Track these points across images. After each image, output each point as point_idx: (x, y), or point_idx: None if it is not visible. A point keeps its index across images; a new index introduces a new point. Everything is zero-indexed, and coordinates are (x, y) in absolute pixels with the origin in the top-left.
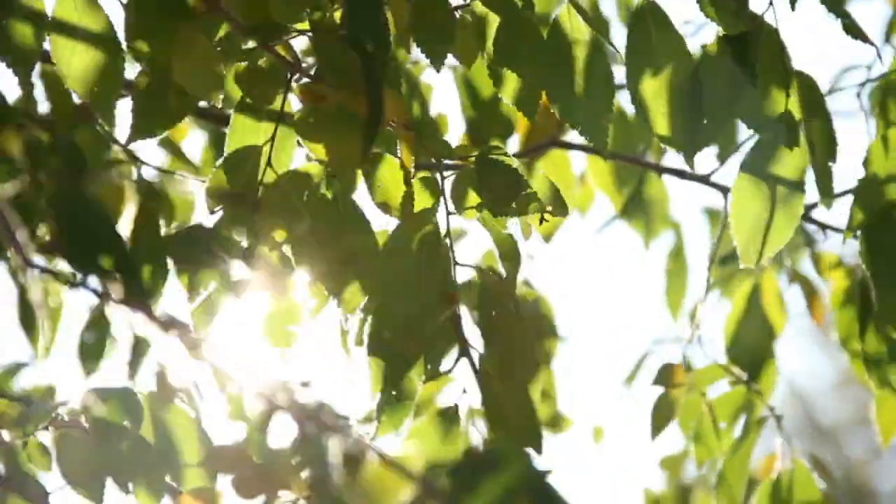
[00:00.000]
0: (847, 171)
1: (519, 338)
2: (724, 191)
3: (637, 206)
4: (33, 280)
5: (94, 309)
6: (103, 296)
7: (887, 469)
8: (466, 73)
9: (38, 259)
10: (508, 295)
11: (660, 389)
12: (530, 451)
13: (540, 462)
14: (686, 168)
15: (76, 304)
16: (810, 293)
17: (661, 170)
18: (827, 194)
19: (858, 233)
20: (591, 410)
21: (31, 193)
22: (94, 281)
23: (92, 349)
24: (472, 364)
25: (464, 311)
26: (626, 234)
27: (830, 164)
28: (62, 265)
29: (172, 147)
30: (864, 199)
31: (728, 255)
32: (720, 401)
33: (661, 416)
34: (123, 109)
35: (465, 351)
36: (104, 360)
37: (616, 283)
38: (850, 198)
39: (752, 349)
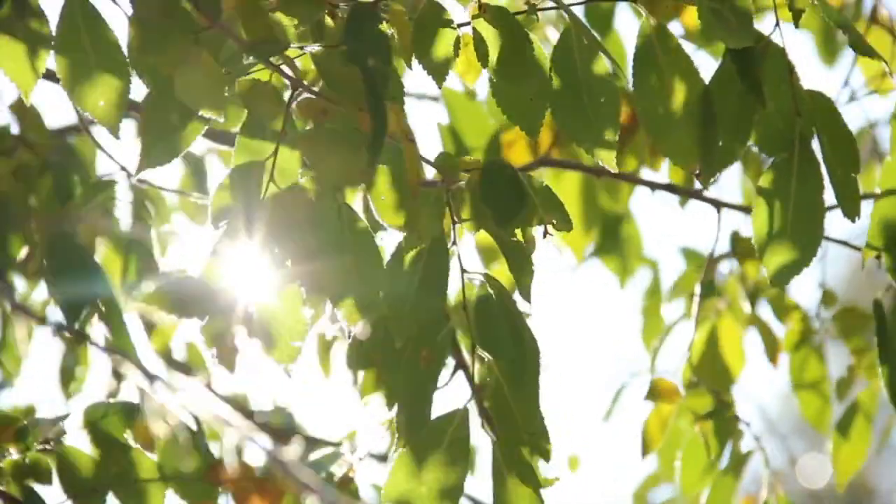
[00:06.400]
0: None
1: (530, 344)
2: (718, 205)
3: (612, 245)
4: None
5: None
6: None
7: (886, 467)
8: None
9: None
10: (514, 303)
11: (644, 415)
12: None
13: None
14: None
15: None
16: (767, 336)
17: (654, 186)
18: (851, 208)
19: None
20: (567, 439)
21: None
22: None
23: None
24: (468, 375)
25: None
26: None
27: (854, 175)
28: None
29: None
30: (886, 215)
31: (707, 285)
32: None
33: (652, 433)
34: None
35: (461, 364)
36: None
37: (592, 313)
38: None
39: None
